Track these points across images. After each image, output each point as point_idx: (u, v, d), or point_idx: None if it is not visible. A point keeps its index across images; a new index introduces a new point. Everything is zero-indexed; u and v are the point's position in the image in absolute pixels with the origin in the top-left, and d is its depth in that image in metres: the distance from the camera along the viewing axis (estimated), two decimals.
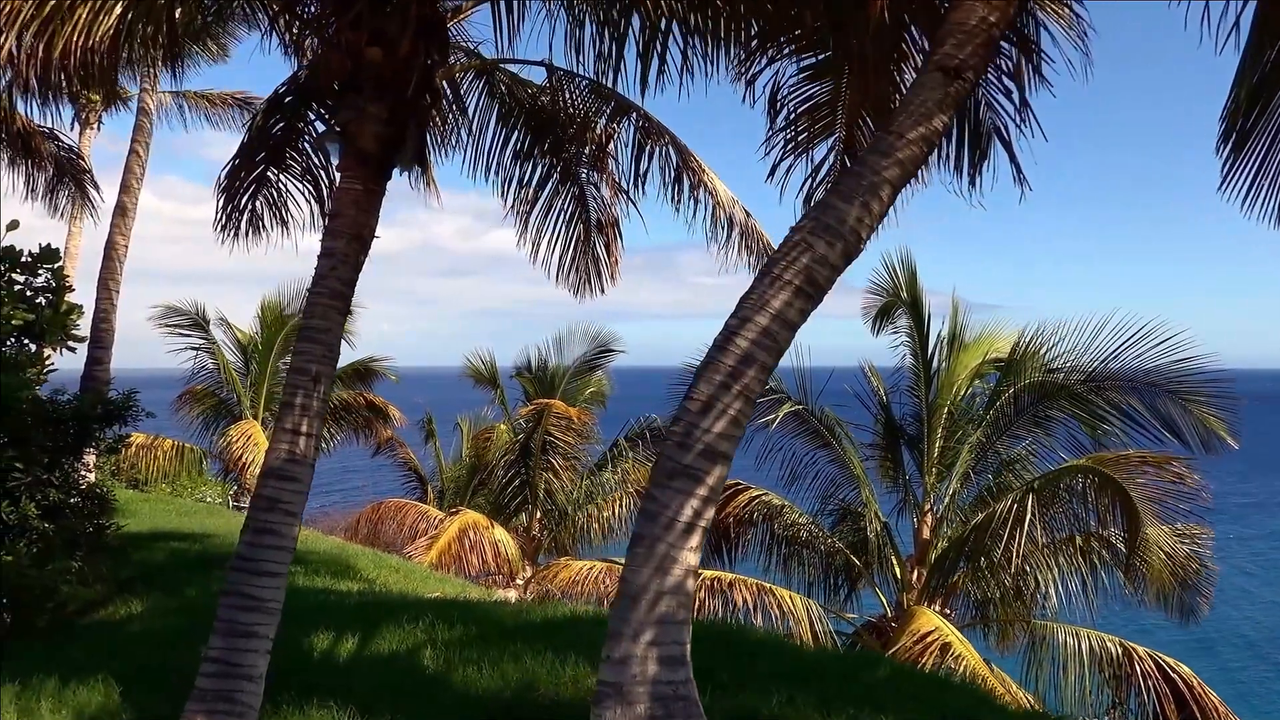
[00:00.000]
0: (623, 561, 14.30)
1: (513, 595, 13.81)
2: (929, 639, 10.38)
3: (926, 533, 13.35)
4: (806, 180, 7.95)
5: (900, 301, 14.02)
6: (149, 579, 10.97)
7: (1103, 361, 11.98)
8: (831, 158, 7.88)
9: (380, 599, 9.94)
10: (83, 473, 10.56)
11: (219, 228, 8.85)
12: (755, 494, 14.43)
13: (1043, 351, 12.95)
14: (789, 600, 12.93)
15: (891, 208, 4.17)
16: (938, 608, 12.62)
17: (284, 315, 20.56)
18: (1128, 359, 11.75)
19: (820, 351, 13.62)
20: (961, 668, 9.85)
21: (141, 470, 20.02)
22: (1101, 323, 11.91)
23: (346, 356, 23.25)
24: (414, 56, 6.40)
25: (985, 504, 12.95)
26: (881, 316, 14.28)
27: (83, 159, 16.79)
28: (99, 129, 21.94)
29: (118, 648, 8.16)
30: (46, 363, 10.82)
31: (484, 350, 20.71)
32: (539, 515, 18.98)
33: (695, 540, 4.03)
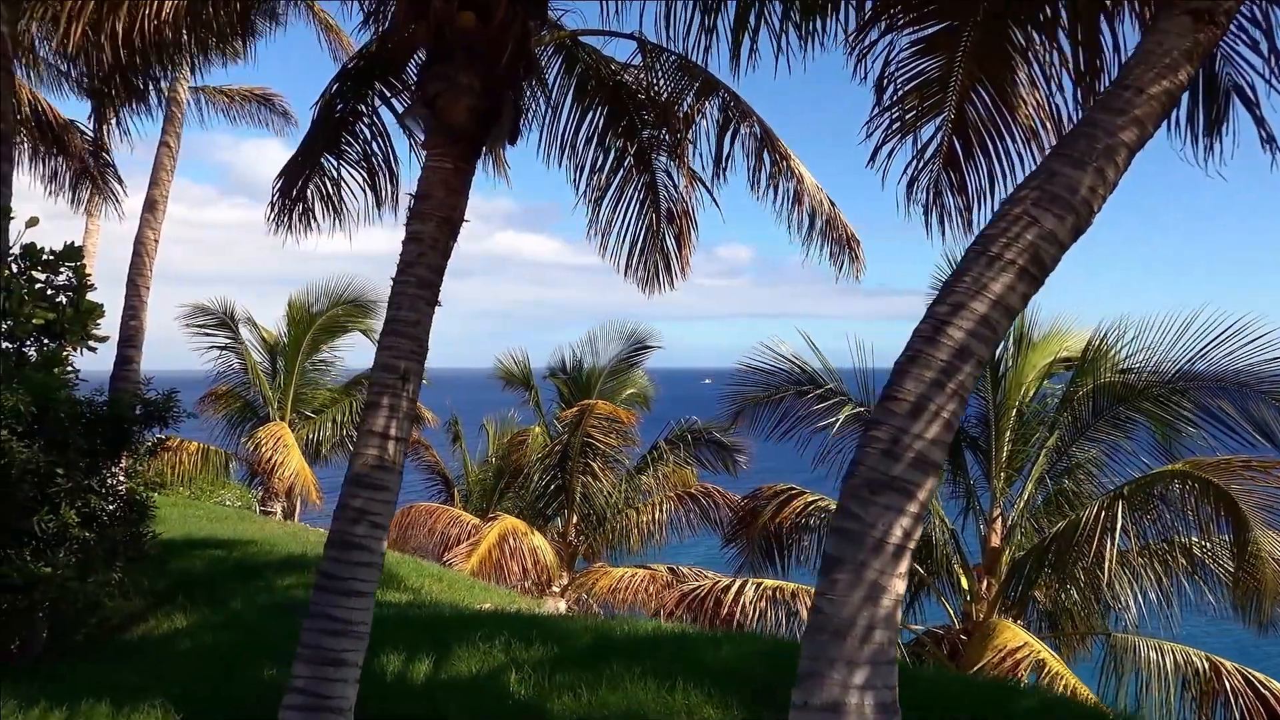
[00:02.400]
0: (657, 567, 13.58)
1: (563, 606, 13.22)
2: (1019, 655, 9.75)
3: (996, 540, 12.71)
4: (911, 162, 7.45)
5: None
6: (189, 590, 10.38)
7: (1189, 361, 11.34)
8: (939, 138, 7.38)
9: (439, 612, 9.35)
10: (120, 477, 9.97)
11: (272, 219, 8.29)
12: (811, 499, 13.82)
13: (1117, 349, 12.32)
14: None
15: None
16: (1012, 620, 12.00)
17: (311, 314, 19.97)
18: (1217, 358, 11.11)
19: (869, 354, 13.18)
20: (1062, 687, 9.23)
21: (165, 473, 19.42)
22: (1188, 320, 11.26)
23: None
24: (510, 21, 5.81)
25: (1060, 511, 12.32)
26: None
27: (107, 151, 16.24)
28: (116, 124, 21.41)
29: (169, 668, 7.58)
30: (66, 363, 10.30)
31: (516, 350, 20.10)
32: (575, 520, 18.37)
33: (905, 565, 3.44)
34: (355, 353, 22.94)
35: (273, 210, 8.22)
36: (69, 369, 10.18)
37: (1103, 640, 12.13)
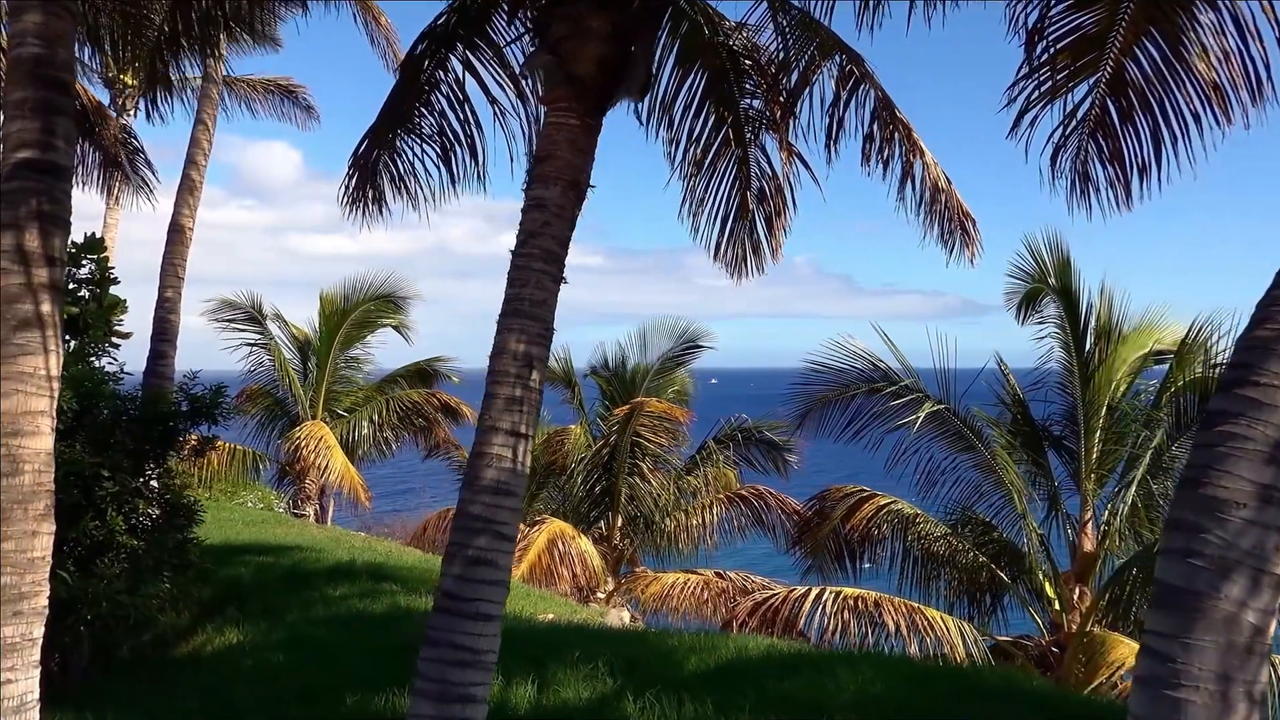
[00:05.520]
0: (705, 572, 12.61)
1: (626, 616, 12.47)
2: None
3: (1089, 545, 11.93)
4: (1059, 127, 6.72)
5: (1048, 288, 12.62)
6: (239, 601, 9.63)
7: None
8: (1088, 102, 6.65)
9: (511, 626, 8.55)
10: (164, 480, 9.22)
11: (346, 203, 7.49)
12: (884, 503, 13.03)
13: (1217, 340, 11.52)
14: (939, 621, 11.51)
15: None
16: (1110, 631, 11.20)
17: (343, 309, 19.22)
18: None
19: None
20: None
21: (192, 475, 18.67)
22: None
23: (407, 356, 21.94)
24: None
25: (1161, 515, 11.54)
26: (1026, 304, 12.90)
27: (135, 138, 15.52)
28: (135, 115, 20.70)
29: (237, 693, 6.82)
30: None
31: (557, 348, 19.28)
32: (620, 523, 17.58)
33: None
34: (386, 350, 22.25)
35: (346, 192, 7.43)
36: (111, 362, 9.48)
37: None
